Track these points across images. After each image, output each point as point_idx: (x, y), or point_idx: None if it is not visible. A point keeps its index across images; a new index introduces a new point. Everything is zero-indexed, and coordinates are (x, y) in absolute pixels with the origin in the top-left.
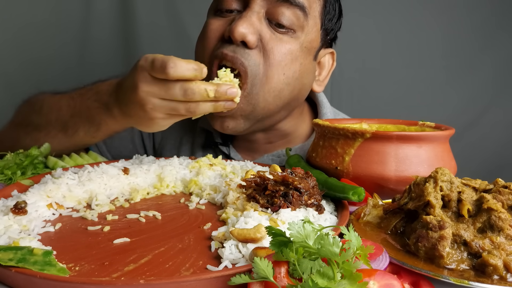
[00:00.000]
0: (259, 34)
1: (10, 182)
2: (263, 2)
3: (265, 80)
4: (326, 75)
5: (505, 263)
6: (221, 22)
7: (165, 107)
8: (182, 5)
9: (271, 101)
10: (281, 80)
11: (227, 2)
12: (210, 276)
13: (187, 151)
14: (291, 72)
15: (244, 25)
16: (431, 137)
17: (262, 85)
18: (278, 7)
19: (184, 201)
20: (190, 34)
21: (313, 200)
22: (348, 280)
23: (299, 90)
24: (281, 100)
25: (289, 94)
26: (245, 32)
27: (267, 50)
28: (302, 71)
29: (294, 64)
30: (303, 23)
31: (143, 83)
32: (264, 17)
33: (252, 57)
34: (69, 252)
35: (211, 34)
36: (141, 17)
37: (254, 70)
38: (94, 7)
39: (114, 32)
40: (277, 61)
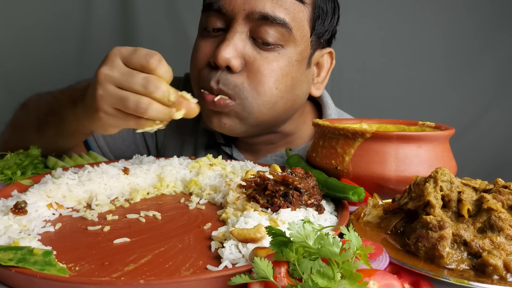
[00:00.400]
0: (242, 57)
1: (10, 182)
2: (245, 22)
3: (256, 95)
4: (325, 76)
5: (505, 263)
6: (208, 43)
7: (115, 96)
8: (182, 6)
9: (265, 112)
10: (275, 94)
11: (211, 22)
12: (210, 276)
13: (190, 151)
14: (283, 86)
15: (226, 50)
16: (431, 137)
17: (254, 99)
18: (261, 26)
19: (184, 201)
20: (190, 35)
21: (313, 200)
22: (348, 280)
23: (293, 101)
24: (275, 111)
25: (283, 105)
26: (229, 57)
27: (253, 70)
28: (294, 83)
29: (285, 79)
30: (290, 38)
31: (107, 66)
32: (248, 36)
33: (235, 82)
34: (69, 252)
35: (199, 56)
36: (141, 18)
37: (239, 90)
38: (94, 8)
39: (114, 33)
40: (266, 78)
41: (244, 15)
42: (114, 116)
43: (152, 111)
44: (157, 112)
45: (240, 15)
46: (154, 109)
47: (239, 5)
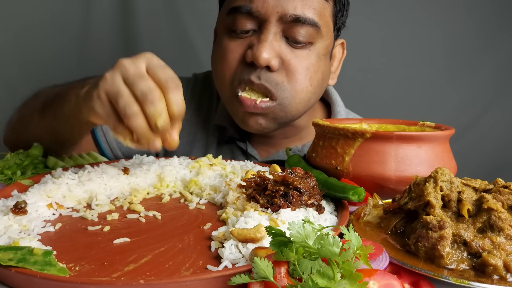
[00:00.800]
0: (279, 56)
1: (10, 182)
2: (278, 23)
3: (295, 93)
4: (338, 66)
5: (505, 263)
6: (237, 43)
7: (115, 85)
8: (182, 6)
9: (301, 109)
10: (310, 91)
11: (241, 24)
12: (210, 276)
13: (201, 148)
14: (316, 81)
15: (266, 50)
16: (431, 137)
17: (293, 98)
18: (293, 26)
19: (184, 201)
20: (190, 35)
21: (313, 200)
22: (348, 280)
23: (319, 94)
24: (308, 106)
25: (315, 99)
26: (268, 58)
27: (290, 69)
28: (324, 77)
29: (317, 74)
30: (318, 35)
31: (131, 59)
32: (281, 35)
33: (276, 79)
34: (69, 252)
35: (230, 57)
36: (141, 18)
37: (280, 89)
38: (94, 7)
39: (114, 32)
40: (303, 76)
41: (277, 17)
42: (103, 104)
43: (134, 121)
44: (137, 126)
45: (273, 17)
46: (137, 121)
47: (272, 8)
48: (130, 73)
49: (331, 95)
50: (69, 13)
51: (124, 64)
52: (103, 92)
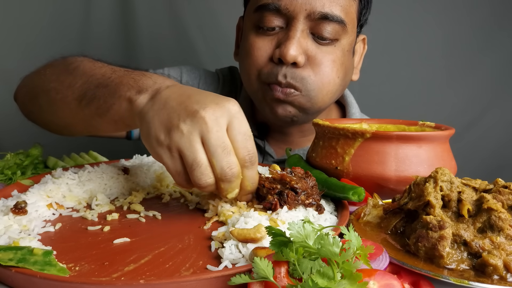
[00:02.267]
0: (305, 53)
1: (10, 182)
2: (306, 20)
3: (322, 86)
4: (359, 60)
5: (505, 263)
6: (265, 41)
7: (189, 157)
8: (182, 5)
9: (327, 100)
10: (337, 83)
11: (269, 21)
12: (210, 276)
13: None
14: (342, 74)
15: (293, 47)
16: (431, 137)
17: (320, 90)
18: (320, 24)
19: (184, 201)
20: (190, 34)
21: (311, 200)
22: (348, 280)
23: (344, 87)
24: (334, 98)
25: (341, 92)
26: (295, 54)
27: (316, 63)
28: (348, 71)
29: (342, 68)
30: (344, 31)
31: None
32: (308, 33)
33: (302, 74)
34: (69, 252)
35: (258, 54)
36: (141, 18)
37: (306, 82)
38: (94, 8)
39: (114, 32)
40: (329, 69)
41: (305, 15)
42: (174, 160)
43: (205, 189)
44: (206, 191)
45: (302, 14)
46: (208, 189)
47: (300, 5)
48: (212, 140)
49: (346, 97)
50: (69, 13)
51: (207, 122)
52: (175, 149)
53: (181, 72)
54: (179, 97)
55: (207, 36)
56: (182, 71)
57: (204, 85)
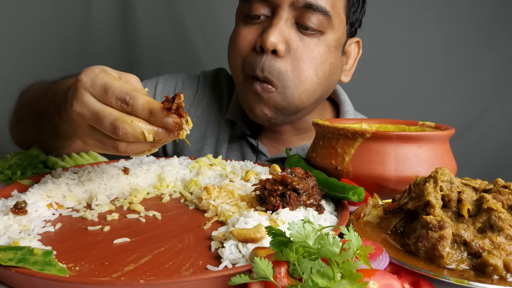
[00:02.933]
0: (287, 42)
1: (10, 182)
2: (290, 9)
3: (299, 83)
4: (353, 64)
5: (505, 263)
6: (251, 30)
7: (93, 136)
8: (182, 6)
9: (305, 99)
10: (315, 81)
11: (255, 8)
12: (210, 276)
13: (213, 144)
14: (322, 72)
15: (274, 34)
16: (431, 137)
17: (296, 87)
18: (304, 13)
19: (184, 201)
20: (190, 34)
21: (312, 200)
22: (348, 280)
23: (329, 86)
24: (313, 97)
25: (321, 91)
26: (276, 42)
27: (296, 57)
28: (332, 69)
29: (324, 65)
30: (329, 24)
31: (77, 102)
32: (292, 22)
33: (280, 68)
34: (69, 252)
35: (242, 43)
36: (141, 18)
37: (282, 78)
38: (94, 8)
39: (114, 32)
40: (308, 66)
41: (289, 3)
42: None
43: (134, 150)
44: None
45: (286, 3)
46: (134, 149)
47: None
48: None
49: (340, 95)
50: (69, 13)
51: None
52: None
53: (157, 82)
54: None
55: (207, 36)
56: (158, 81)
57: (181, 91)
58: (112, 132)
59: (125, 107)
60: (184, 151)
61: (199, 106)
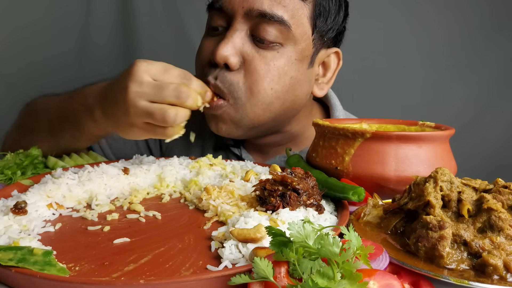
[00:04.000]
0: (241, 55)
1: (10, 182)
2: (244, 19)
3: (250, 95)
4: (331, 76)
5: (505, 263)
6: (210, 42)
7: (146, 112)
8: (182, 6)
9: (260, 113)
10: (269, 95)
11: (214, 20)
12: (210, 276)
13: (198, 153)
14: (279, 87)
15: (225, 48)
16: (431, 137)
17: (248, 99)
18: (260, 23)
19: (184, 201)
20: (190, 35)
21: (312, 200)
22: (348, 280)
23: (291, 101)
24: (271, 112)
25: (280, 106)
26: (227, 55)
27: (250, 69)
28: (294, 83)
29: (282, 79)
30: (289, 36)
31: (135, 82)
32: (247, 34)
33: (231, 80)
34: (69, 252)
35: (201, 55)
36: (141, 18)
37: (233, 89)
38: (94, 8)
39: (114, 33)
40: (261, 78)
41: (243, 13)
42: (144, 129)
43: (180, 118)
44: (183, 117)
45: (239, 13)
46: (181, 116)
47: (238, 2)
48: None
49: (330, 98)
50: (69, 14)
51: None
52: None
53: None
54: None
55: None
56: None
57: None
58: (177, 96)
59: (186, 82)
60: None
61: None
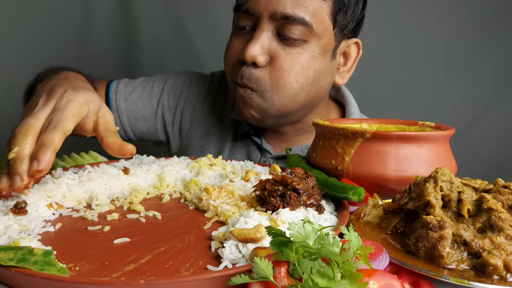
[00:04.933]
0: (268, 53)
1: None
2: (270, 21)
3: (276, 88)
4: (352, 65)
5: (505, 263)
6: (238, 40)
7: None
8: (182, 6)
9: (286, 104)
10: (294, 87)
11: (241, 21)
12: (210, 276)
13: (216, 142)
14: (304, 79)
15: (254, 47)
16: (431, 137)
17: (274, 92)
18: (284, 24)
19: (184, 201)
20: (190, 35)
21: (312, 200)
22: (348, 280)
23: (315, 92)
24: (297, 103)
25: (305, 97)
26: (255, 54)
27: (276, 65)
28: (317, 75)
29: (307, 72)
30: (311, 33)
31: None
32: (273, 33)
33: (258, 76)
34: (69, 252)
35: (231, 53)
36: (141, 18)
37: (260, 84)
38: (94, 8)
39: (114, 33)
40: (287, 73)
41: (269, 15)
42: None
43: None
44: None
45: (265, 15)
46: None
47: (263, 6)
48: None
49: (346, 96)
50: (69, 14)
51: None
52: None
53: (167, 78)
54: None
55: (207, 37)
56: (169, 77)
57: (187, 89)
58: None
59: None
60: (189, 146)
61: (204, 104)
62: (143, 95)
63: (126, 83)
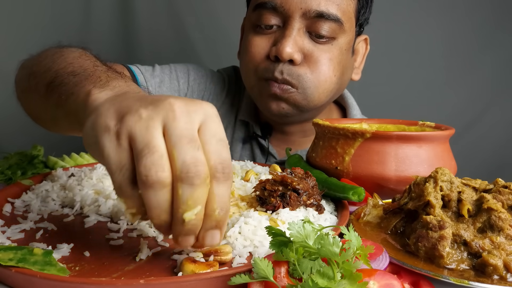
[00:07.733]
0: (301, 51)
1: (10, 182)
2: (302, 19)
3: (318, 84)
4: (361, 61)
5: (505, 263)
6: (263, 39)
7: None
8: (182, 6)
9: (324, 99)
10: (333, 81)
11: (266, 19)
12: (210, 276)
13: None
14: (338, 73)
15: (289, 45)
16: (431, 137)
17: (316, 88)
18: (316, 22)
19: None
20: (190, 35)
21: (312, 200)
22: (348, 280)
23: (341, 85)
24: (330, 97)
25: (337, 90)
26: (291, 52)
27: (313, 61)
28: (344, 70)
29: (339, 66)
30: (341, 30)
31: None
32: (304, 31)
33: (298, 72)
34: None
35: (255, 51)
36: (141, 18)
37: (302, 80)
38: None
39: (114, 32)
40: (326, 67)
41: (301, 13)
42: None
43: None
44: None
45: (297, 13)
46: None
47: (296, 4)
48: (177, 129)
49: (347, 99)
50: (69, 13)
51: (175, 109)
52: (126, 135)
53: (188, 69)
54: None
55: (207, 36)
56: (188, 69)
57: (211, 84)
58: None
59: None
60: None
61: (224, 103)
62: (171, 87)
63: (151, 73)
